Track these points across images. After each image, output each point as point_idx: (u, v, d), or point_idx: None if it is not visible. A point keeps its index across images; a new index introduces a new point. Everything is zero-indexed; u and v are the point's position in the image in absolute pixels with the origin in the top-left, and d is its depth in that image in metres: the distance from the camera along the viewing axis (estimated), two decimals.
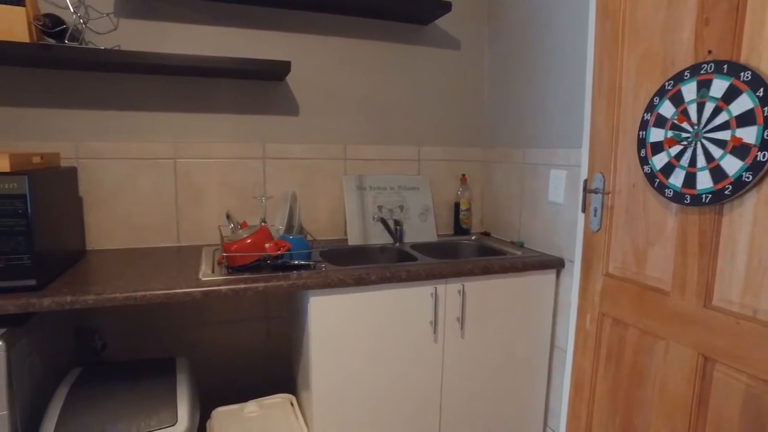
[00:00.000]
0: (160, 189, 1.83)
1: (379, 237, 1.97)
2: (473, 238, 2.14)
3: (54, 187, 1.44)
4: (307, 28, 1.94)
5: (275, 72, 1.74)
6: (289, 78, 1.94)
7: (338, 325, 1.51)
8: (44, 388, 1.41)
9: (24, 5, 1.47)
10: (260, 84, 1.91)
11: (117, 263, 1.59)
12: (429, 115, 2.17)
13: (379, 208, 2.00)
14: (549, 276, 1.76)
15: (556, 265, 1.75)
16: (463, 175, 2.21)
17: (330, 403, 1.54)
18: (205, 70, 1.71)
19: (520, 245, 1.97)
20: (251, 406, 1.69)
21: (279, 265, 1.53)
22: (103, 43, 1.69)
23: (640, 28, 1.38)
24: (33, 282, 1.27)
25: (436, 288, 1.60)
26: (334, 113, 2.02)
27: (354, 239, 1.93)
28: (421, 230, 2.04)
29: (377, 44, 2.05)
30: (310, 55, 1.96)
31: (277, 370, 2.03)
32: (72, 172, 1.63)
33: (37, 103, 1.69)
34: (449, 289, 1.62)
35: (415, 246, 1.95)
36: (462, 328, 1.66)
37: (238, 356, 1.97)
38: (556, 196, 1.78)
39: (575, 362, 1.69)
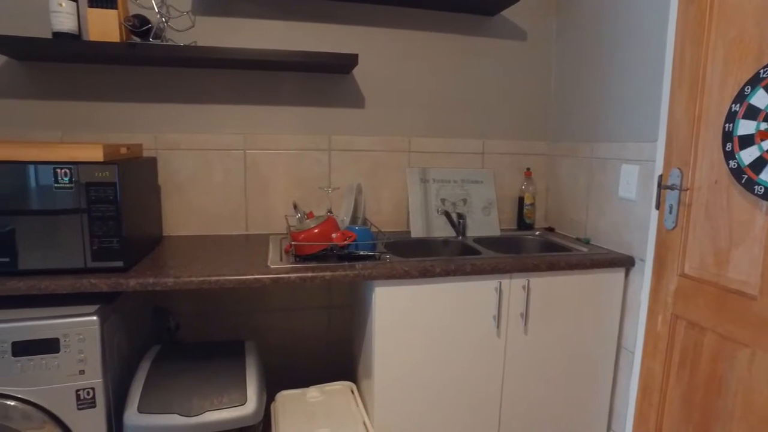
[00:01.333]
0: (231, 179, 1.91)
1: (442, 230, 1.96)
2: (537, 233, 2.09)
3: (138, 175, 1.54)
4: (373, 21, 1.96)
5: (343, 65, 1.77)
6: (355, 71, 1.97)
7: (402, 316, 1.52)
8: (129, 362, 1.52)
9: (116, 8, 1.58)
10: (327, 77, 1.95)
11: (191, 249, 1.68)
12: (494, 108, 2.14)
13: (442, 201, 1.99)
14: (617, 274, 1.70)
15: (626, 263, 1.68)
16: (528, 169, 2.16)
17: (391, 392, 1.56)
18: (275, 64, 1.76)
19: (586, 242, 1.90)
20: (313, 392, 1.74)
21: (345, 255, 1.56)
22: (181, 40, 1.78)
23: (731, 11, 1.29)
24: (121, 264, 1.37)
25: (500, 282, 1.58)
26: (399, 106, 2.03)
27: (417, 231, 1.94)
28: (483, 224, 2.02)
29: (443, 36, 2.03)
30: (376, 48, 1.98)
31: (338, 357, 2.08)
32: (153, 162, 1.74)
33: (123, 97, 1.81)
34: (513, 284, 1.60)
35: (478, 240, 1.93)
36: (525, 324, 1.63)
37: (301, 343, 2.04)
38: (627, 191, 1.70)
39: (644, 365, 1.62)
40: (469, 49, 2.07)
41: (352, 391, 1.77)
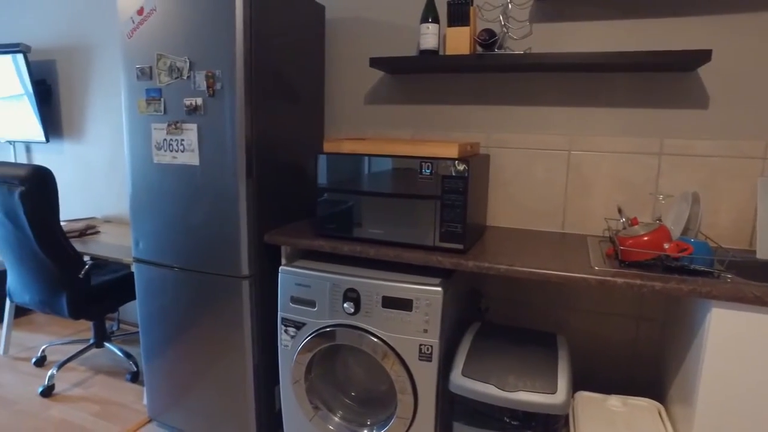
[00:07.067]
0: (552, 178, 1.99)
1: None
2: None
3: (478, 171, 1.76)
4: (725, 8, 1.72)
5: (687, 62, 1.63)
6: (700, 67, 1.78)
7: (742, 346, 1.35)
8: (454, 331, 1.77)
9: (469, 25, 1.83)
10: (662, 76, 1.82)
11: (512, 240, 1.83)
12: None
13: None
14: None
15: None
16: None
17: (715, 427, 1.41)
18: (608, 66, 1.74)
19: None
20: (614, 401, 1.70)
21: (674, 268, 1.46)
22: (517, 47, 1.93)
23: None
24: (461, 246, 1.61)
25: None
26: (755, 105, 1.75)
27: (764, 252, 1.66)
28: None
29: None
30: (727, 40, 1.73)
31: (642, 372, 1.97)
32: (487, 159, 1.95)
33: (462, 100, 2.08)
34: None
35: None
36: None
37: (603, 348, 2.01)
38: None
39: None
40: None
41: (659, 413, 1.66)
